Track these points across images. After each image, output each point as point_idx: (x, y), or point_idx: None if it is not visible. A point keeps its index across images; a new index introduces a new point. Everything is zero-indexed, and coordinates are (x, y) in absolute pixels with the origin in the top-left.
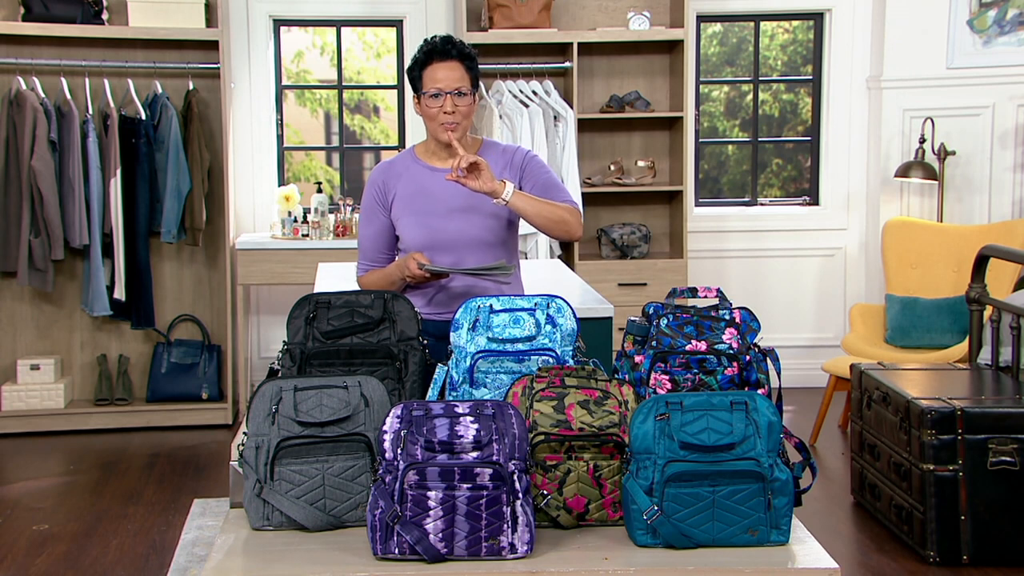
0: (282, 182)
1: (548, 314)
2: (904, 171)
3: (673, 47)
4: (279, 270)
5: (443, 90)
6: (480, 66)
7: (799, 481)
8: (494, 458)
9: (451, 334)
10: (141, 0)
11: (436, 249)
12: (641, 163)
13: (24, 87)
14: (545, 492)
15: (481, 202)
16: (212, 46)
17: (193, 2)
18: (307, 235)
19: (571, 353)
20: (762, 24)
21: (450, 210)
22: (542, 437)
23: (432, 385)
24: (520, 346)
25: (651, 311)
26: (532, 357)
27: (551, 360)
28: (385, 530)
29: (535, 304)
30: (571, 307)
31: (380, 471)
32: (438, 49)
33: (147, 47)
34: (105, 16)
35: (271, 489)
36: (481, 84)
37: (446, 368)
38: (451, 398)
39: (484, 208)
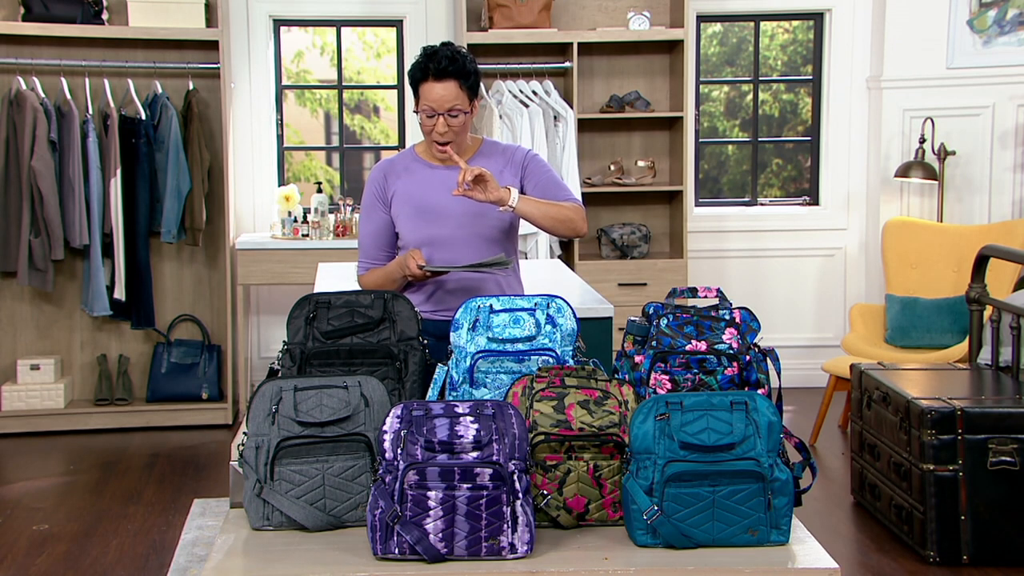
0: (282, 182)
1: (548, 314)
2: (904, 171)
3: (673, 47)
4: (279, 270)
5: (436, 111)
6: (480, 66)
7: (799, 481)
8: (494, 458)
9: (451, 334)
10: (141, 0)
11: (436, 246)
12: (641, 163)
13: (24, 87)
14: (545, 492)
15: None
16: (212, 46)
17: (193, 2)
18: (307, 235)
19: (571, 353)
20: (762, 24)
21: (450, 207)
22: (542, 437)
23: (432, 385)
24: (520, 346)
25: (651, 311)
26: (532, 357)
27: (551, 360)
28: (385, 530)
29: (535, 304)
30: (571, 307)
31: (380, 471)
32: (433, 68)
33: (147, 47)
34: (105, 16)
35: (271, 489)
36: (481, 85)
37: (446, 368)
38: (451, 398)
39: (484, 206)
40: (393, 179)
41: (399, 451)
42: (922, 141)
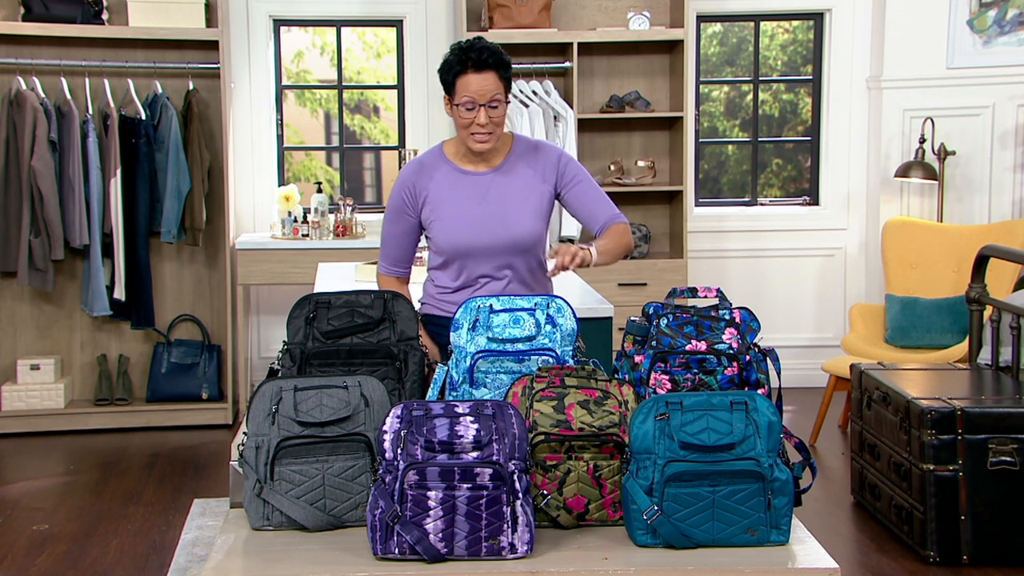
0: (282, 182)
1: (548, 314)
2: (904, 171)
3: (673, 47)
4: (279, 270)
5: (477, 102)
6: None
7: (799, 481)
8: (494, 458)
9: (451, 334)
10: (141, 0)
11: (469, 256)
12: (641, 163)
13: (24, 87)
14: (545, 492)
15: (514, 206)
16: (212, 46)
17: (193, 2)
18: (307, 235)
19: (571, 353)
20: (762, 24)
21: (483, 217)
22: (542, 437)
23: (432, 385)
24: (520, 346)
25: (651, 311)
26: (532, 357)
27: (551, 360)
28: (385, 530)
29: (535, 304)
30: (571, 307)
31: (380, 471)
32: (473, 58)
33: (147, 47)
34: (105, 16)
35: (271, 489)
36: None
37: (446, 368)
38: (451, 398)
39: (517, 213)
40: (424, 183)
41: (399, 451)
42: (922, 141)
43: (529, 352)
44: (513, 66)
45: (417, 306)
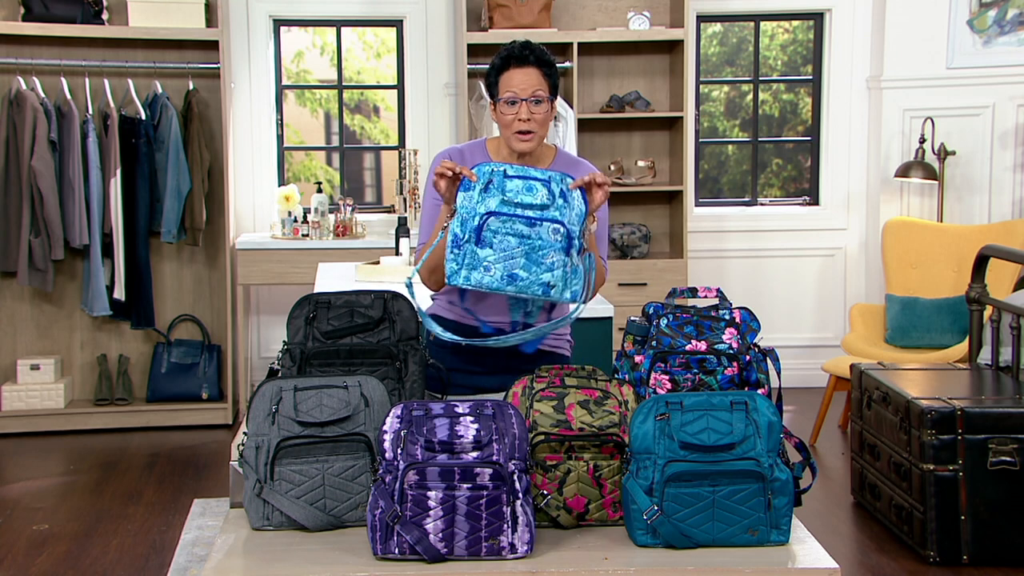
0: (282, 182)
1: (561, 189)
2: (904, 171)
3: (673, 47)
4: (279, 270)
5: (518, 96)
6: (480, 66)
7: (799, 481)
8: (494, 458)
9: (459, 193)
10: (141, 0)
11: None
12: (641, 163)
13: (24, 87)
14: (545, 492)
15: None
16: (212, 46)
17: (193, 2)
18: (307, 235)
19: (579, 233)
20: (762, 24)
21: None
22: (542, 437)
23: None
24: (531, 213)
25: (651, 311)
26: (544, 224)
27: (560, 230)
28: (385, 530)
29: (549, 177)
30: (583, 191)
31: (380, 471)
32: (515, 55)
33: (147, 47)
34: (105, 16)
35: (271, 489)
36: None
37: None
38: (452, 257)
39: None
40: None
41: (399, 451)
42: (922, 141)
43: (541, 220)
44: None
45: (427, 303)
